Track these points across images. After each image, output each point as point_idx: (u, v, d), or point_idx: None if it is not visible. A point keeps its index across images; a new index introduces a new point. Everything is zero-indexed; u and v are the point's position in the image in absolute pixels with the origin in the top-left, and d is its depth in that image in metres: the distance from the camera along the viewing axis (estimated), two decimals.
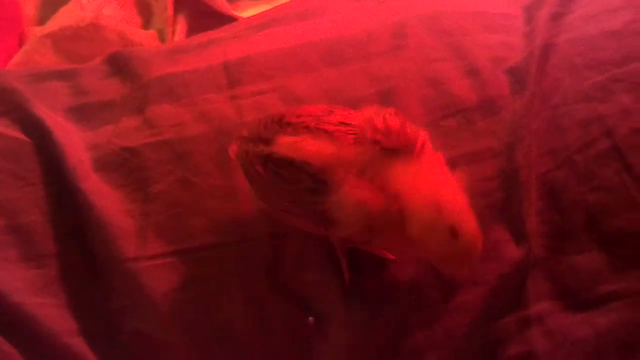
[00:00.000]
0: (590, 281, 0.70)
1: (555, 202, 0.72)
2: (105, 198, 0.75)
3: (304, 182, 0.59)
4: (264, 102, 0.80)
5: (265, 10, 0.96)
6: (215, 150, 0.77)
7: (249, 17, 1.00)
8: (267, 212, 0.71)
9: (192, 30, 1.10)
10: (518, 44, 0.82)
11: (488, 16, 0.85)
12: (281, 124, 0.62)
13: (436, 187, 0.56)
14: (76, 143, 0.79)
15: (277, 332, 0.70)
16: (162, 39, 1.12)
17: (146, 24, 1.17)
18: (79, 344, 0.70)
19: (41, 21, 1.15)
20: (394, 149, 0.58)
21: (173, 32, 1.13)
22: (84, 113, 0.84)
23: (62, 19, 1.11)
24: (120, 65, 0.87)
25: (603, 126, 0.74)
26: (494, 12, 0.86)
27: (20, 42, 1.10)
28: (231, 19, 1.06)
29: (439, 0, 0.90)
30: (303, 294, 0.71)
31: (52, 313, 0.71)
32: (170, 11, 1.13)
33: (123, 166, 0.78)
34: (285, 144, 0.60)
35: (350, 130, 0.59)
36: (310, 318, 0.70)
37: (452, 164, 0.62)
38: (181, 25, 1.13)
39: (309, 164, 0.58)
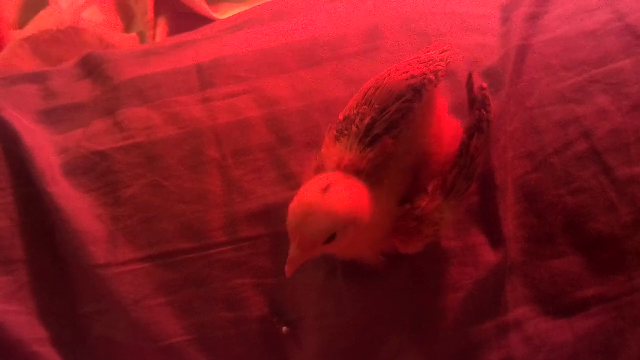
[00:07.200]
0: (569, 286, 0.69)
1: (533, 205, 0.71)
2: (75, 202, 0.74)
3: None
4: (236, 104, 0.78)
5: (240, 12, 0.94)
6: (186, 153, 0.76)
7: (223, 19, 0.99)
8: None
9: (173, 32, 1.09)
10: (494, 44, 0.80)
11: (464, 17, 0.84)
12: None
13: None
14: (45, 147, 0.78)
15: (255, 336, 0.69)
16: (143, 42, 1.10)
17: (127, 26, 1.16)
18: (48, 352, 0.69)
19: (21, 25, 1.14)
20: None
21: (154, 35, 1.12)
22: (54, 116, 0.82)
23: (41, 22, 1.10)
24: (91, 67, 0.86)
25: (580, 128, 0.72)
26: (469, 12, 0.85)
27: (0, 47, 1.08)
28: (211, 22, 1.04)
29: (414, 1, 0.89)
30: (278, 298, 0.70)
31: (20, 320, 0.70)
32: (150, 14, 1.12)
33: (93, 170, 0.76)
34: None
35: None
36: (284, 328, 0.69)
37: None
38: (162, 28, 1.12)
39: None
